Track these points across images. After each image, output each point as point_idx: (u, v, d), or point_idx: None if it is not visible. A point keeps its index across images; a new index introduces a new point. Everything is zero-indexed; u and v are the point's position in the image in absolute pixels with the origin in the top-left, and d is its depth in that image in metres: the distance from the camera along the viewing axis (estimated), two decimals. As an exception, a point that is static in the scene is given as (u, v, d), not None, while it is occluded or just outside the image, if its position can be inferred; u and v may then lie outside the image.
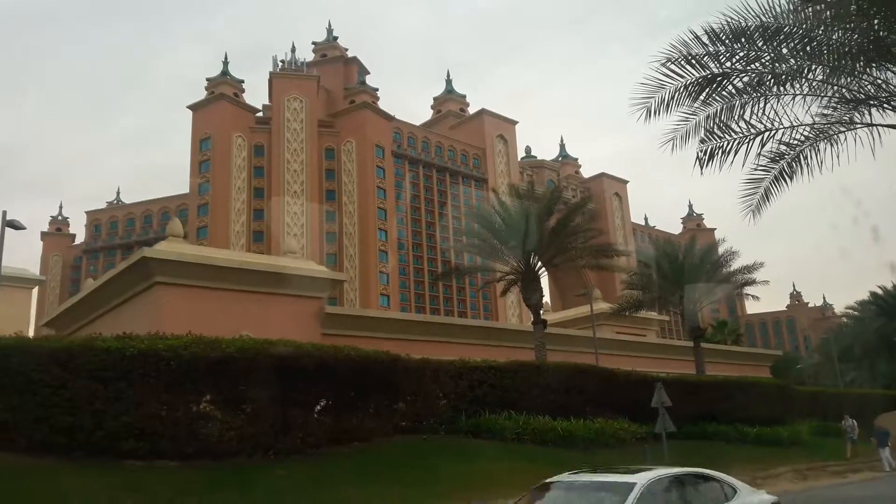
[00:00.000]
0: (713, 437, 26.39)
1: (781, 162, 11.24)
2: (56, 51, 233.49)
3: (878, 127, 10.03)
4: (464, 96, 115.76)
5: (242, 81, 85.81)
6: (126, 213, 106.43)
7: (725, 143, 10.60)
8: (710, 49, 9.71)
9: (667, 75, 10.20)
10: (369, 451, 17.82)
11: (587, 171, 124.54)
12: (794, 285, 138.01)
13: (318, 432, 17.10)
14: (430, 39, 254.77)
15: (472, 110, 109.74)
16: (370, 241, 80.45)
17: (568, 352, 31.22)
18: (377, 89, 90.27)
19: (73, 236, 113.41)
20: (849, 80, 9.84)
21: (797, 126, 10.21)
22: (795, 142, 10.85)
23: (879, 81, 9.75)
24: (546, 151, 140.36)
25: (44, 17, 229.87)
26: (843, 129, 10.43)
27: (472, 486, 16.38)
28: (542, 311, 44.35)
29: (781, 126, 10.26)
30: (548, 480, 9.49)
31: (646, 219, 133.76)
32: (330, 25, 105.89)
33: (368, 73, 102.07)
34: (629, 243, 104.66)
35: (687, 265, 30.54)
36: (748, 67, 9.69)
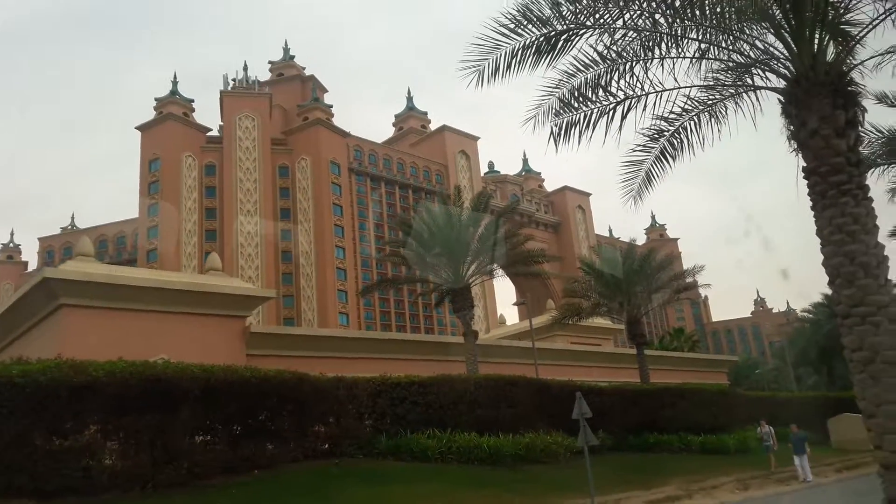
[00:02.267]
0: (656, 448, 25.39)
1: (661, 140, 10.24)
2: (10, 73, 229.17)
3: (763, 90, 9.08)
4: (425, 113, 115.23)
5: (192, 101, 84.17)
6: (80, 238, 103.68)
7: (582, 115, 9.50)
8: (557, 9, 8.62)
9: (503, 34, 9.05)
10: (269, 480, 16.41)
11: (552, 185, 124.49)
12: (757, 292, 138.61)
13: (208, 462, 15.65)
14: (391, 58, 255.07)
15: (434, 127, 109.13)
16: (327, 260, 78.89)
17: (511, 364, 30.15)
18: (331, 106, 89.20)
19: (26, 263, 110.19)
20: (729, 42, 8.90)
21: (662, 91, 9.19)
22: (673, 116, 9.87)
23: (760, 45, 8.84)
24: (509, 166, 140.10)
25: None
26: (723, 96, 9.46)
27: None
28: (503, 322, 43.19)
29: (643, 93, 9.22)
30: None
31: (610, 230, 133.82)
32: (286, 45, 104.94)
33: (326, 91, 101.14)
34: (593, 255, 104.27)
35: (627, 271, 29.66)
36: (598, 22, 8.62)
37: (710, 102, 9.70)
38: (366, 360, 27.55)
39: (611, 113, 9.43)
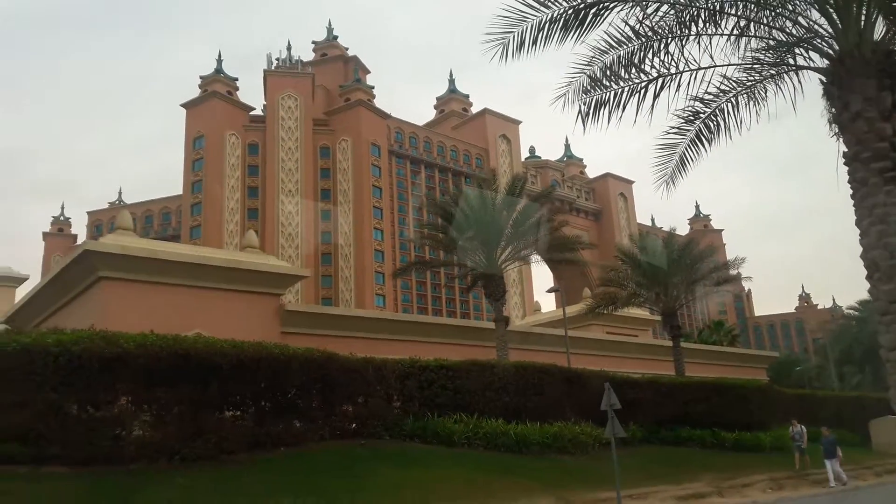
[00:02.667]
0: (688, 443, 24.93)
1: (697, 122, 9.77)
2: (60, 54, 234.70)
3: (805, 71, 8.55)
4: (467, 96, 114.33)
5: (236, 79, 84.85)
6: (121, 212, 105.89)
7: (612, 93, 9.08)
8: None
9: (530, 6, 8.63)
10: (296, 457, 16.52)
11: (594, 172, 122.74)
12: (802, 287, 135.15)
13: (236, 437, 15.82)
14: (434, 40, 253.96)
15: (476, 110, 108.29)
16: (366, 241, 79.19)
17: (544, 352, 29.84)
18: (373, 87, 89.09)
19: (75, 236, 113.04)
20: (770, 19, 8.40)
21: (697, 70, 8.70)
22: (709, 97, 9.40)
23: (803, 22, 8.33)
24: (551, 152, 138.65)
25: (46, 20, 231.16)
26: (762, 77, 8.95)
27: (399, 498, 15.07)
28: (538, 309, 42.78)
29: (678, 72, 8.74)
30: None
31: (652, 219, 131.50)
32: (330, 24, 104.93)
33: (369, 72, 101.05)
34: (630, 244, 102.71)
35: (665, 260, 28.95)
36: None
37: (749, 83, 9.21)
38: (397, 341, 27.59)
39: (642, 92, 9.02)
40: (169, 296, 24.16)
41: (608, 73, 9.01)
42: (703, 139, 9.85)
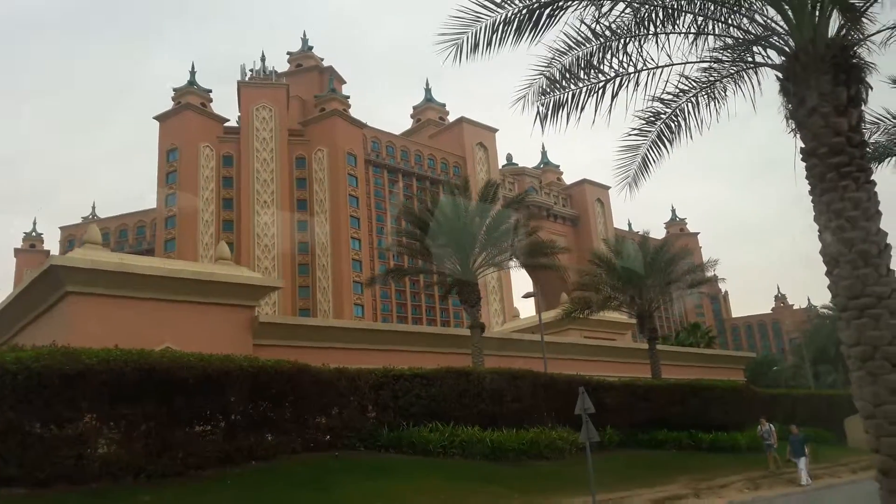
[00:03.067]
0: (665, 445, 24.92)
1: (658, 123, 9.73)
2: (34, 63, 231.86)
3: (763, 68, 8.52)
4: (443, 105, 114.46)
5: (210, 91, 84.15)
6: (101, 227, 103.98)
7: (570, 94, 8.99)
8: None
9: (483, 6, 8.54)
10: (267, 471, 16.24)
11: (571, 178, 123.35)
12: (778, 288, 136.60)
13: (205, 452, 15.53)
14: (410, 50, 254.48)
15: (452, 119, 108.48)
16: (343, 251, 78.76)
17: (522, 358, 29.71)
18: (348, 97, 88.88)
19: (48, 252, 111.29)
20: (726, 16, 8.37)
21: (655, 69, 8.62)
22: (669, 97, 9.36)
23: (759, 20, 8.28)
24: (528, 159, 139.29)
25: (25, 27, 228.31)
26: (721, 75, 8.92)
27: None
28: (517, 315, 42.61)
29: (635, 70, 8.65)
30: None
31: (629, 224, 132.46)
32: (305, 35, 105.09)
33: (345, 82, 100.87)
34: (604, 248, 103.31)
35: (639, 263, 29.03)
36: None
37: (708, 82, 9.19)
38: (374, 351, 27.33)
39: (600, 92, 8.93)
40: (138, 310, 23.76)
41: (567, 74, 8.94)
42: (665, 140, 9.81)
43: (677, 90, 9.27)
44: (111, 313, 22.90)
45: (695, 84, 9.16)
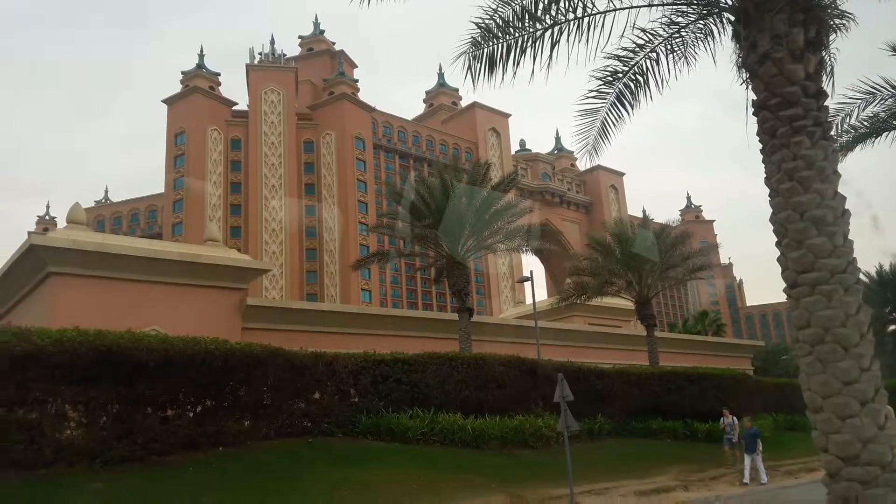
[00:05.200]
0: (659, 435, 24.16)
1: (617, 84, 8.86)
2: (43, 50, 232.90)
3: (718, 12, 7.59)
4: (456, 90, 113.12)
5: (219, 74, 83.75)
6: (113, 211, 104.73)
7: (505, 45, 8.08)
8: None
9: None
10: (234, 457, 15.71)
11: (585, 164, 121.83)
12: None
13: (167, 437, 14.97)
14: (424, 34, 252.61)
15: (465, 104, 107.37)
16: (351, 236, 78.26)
17: (520, 344, 29.05)
18: (357, 80, 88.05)
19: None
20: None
21: (597, 14, 7.66)
22: (626, 52, 8.43)
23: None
24: (542, 145, 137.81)
25: (26, 15, 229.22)
26: (678, 25, 7.99)
27: (336, 499, 14.24)
28: (521, 301, 41.45)
29: (575, 17, 7.66)
30: None
31: (644, 211, 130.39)
32: (317, 19, 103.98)
33: (356, 66, 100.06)
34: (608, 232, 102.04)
35: (638, 248, 28.11)
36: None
37: (667, 36, 8.29)
38: (366, 336, 26.76)
39: (539, 42, 8.07)
40: (123, 292, 23.34)
41: (504, 25, 8.09)
42: (626, 101, 8.96)
43: (634, 45, 8.41)
44: (95, 295, 22.51)
45: (651, 37, 8.28)
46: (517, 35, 8.00)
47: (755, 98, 6.88)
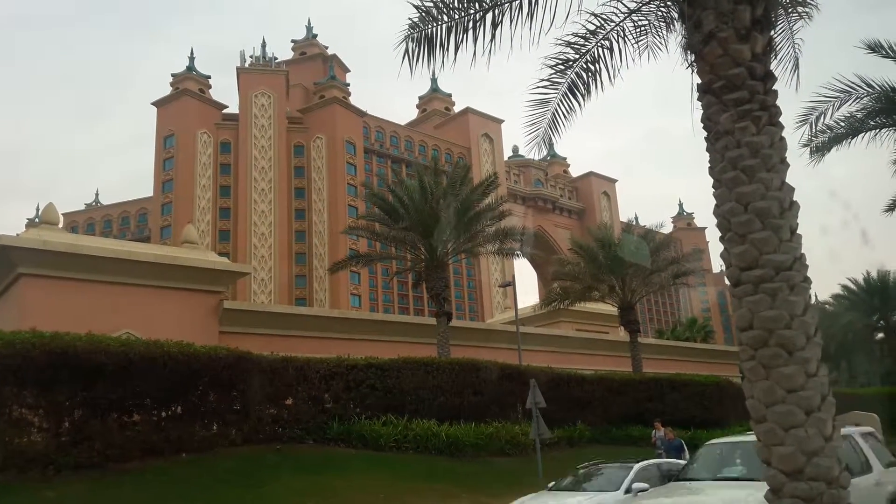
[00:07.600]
0: (640, 442, 23.68)
1: (569, 72, 8.51)
2: (37, 53, 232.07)
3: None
4: (449, 95, 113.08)
5: (209, 77, 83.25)
6: (103, 214, 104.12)
7: (444, 27, 7.69)
8: None
9: None
10: (196, 464, 15.29)
11: (578, 171, 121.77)
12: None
13: (127, 443, 14.59)
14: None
15: (458, 109, 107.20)
16: (340, 240, 77.73)
17: (506, 350, 28.66)
18: (348, 84, 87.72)
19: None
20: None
21: None
22: (577, 38, 8.03)
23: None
24: (535, 151, 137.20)
25: (20, 18, 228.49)
26: (629, 9, 7.64)
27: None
28: (509, 306, 41.18)
29: None
30: None
31: (636, 217, 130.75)
32: (309, 23, 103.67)
33: (348, 70, 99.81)
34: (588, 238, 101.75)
35: (621, 252, 27.78)
36: None
37: (618, 21, 7.93)
38: (346, 340, 26.36)
39: (479, 24, 7.66)
40: (97, 294, 22.96)
41: (444, 7, 7.72)
42: (578, 91, 8.60)
43: (586, 31, 8.06)
44: (67, 297, 22.12)
45: (603, 21, 7.92)
46: (457, 17, 7.63)
47: (699, 81, 6.55)
